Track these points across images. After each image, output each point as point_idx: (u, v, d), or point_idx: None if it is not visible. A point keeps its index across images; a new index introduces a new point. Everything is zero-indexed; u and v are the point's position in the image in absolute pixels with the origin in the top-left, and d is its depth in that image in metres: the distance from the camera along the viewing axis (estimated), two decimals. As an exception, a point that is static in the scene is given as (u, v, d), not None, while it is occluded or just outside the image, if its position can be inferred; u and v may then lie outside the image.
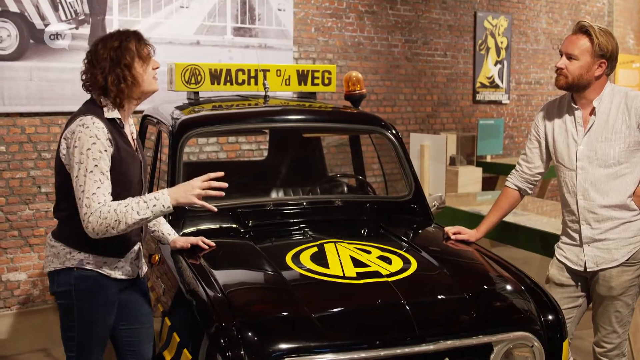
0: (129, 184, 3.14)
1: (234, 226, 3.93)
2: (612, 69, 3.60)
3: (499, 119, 10.12)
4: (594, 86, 3.58)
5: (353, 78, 5.10)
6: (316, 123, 4.73)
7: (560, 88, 3.65)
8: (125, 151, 3.10)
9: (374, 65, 8.84)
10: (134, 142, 3.25)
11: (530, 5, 10.79)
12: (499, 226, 5.38)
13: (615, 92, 3.60)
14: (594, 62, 3.52)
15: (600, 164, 3.58)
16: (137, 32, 3.19)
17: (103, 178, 2.95)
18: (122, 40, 3.09)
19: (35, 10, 6.35)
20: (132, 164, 3.16)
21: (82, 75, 3.12)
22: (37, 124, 6.45)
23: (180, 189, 3.05)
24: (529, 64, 10.93)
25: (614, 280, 3.63)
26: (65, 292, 3.12)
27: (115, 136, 3.06)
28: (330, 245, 3.62)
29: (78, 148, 2.94)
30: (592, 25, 3.53)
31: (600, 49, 3.50)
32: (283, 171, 5.72)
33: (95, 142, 2.94)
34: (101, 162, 2.95)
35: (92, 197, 2.92)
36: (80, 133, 2.95)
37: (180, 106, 4.64)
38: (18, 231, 6.44)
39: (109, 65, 3.04)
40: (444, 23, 9.63)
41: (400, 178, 4.59)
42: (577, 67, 3.54)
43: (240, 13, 7.59)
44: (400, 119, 9.18)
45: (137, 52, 3.10)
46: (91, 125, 2.96)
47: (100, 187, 2.94)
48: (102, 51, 3.07)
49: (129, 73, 3.05)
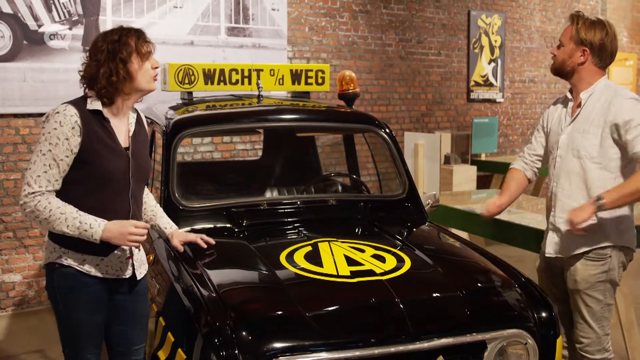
0: (106, 179, 3.08)
1: (228, 226, 3.93)
2: (602, 60, 3.67)
3: (493, 118, 10.13)
4: (581, 76, 3.69)
5: (346, 77, 5.11)
6: (310, 122, 4.74)
7: (552, 72, 3.85)
8: (103, 145, 3.06)
9: (368, 64, 8.85)
10: (128, 139, 3.23)
11: (523, 4, 10.81)
12: (494, 224, 5.42)
13: (608, 88, 3.65)
14: (575, 48, 3.65)
15: (574, 154, 3.66)
16: (140, 30, 3.18)
17: (53, 164, 2.96)
18: (122, 35, 3.10)
19: (29, 11, 6.34)
20: (113, 159, 3.09)
21: (81, 67, 3.14)
22: (31, 124, 6.44)
23: (115, 228, 3.02)
24: (523, 62, 10.95)
25: (578, 274, 3.67)
26: (50, 287, 3.15)
27: (93, 127, 3.04)
28: (324, 244, 3.63)
29: (43, 130, 2.99)
30: (581, 15, 3.68)
31: (579, 35, 3.62)
32: (277, 170, 5.73)
33: (57, 128, 2.95)
34: (57, 148, 2.95)
35: (35, 179, 2.95)
36: (49, 117, 3.00)
37: (174, 106, 4.64)
38: (13, 232, 6.44)
39: (104, 57, 3.05)
40: (438, 22, 9.64)
41: (394, 177, 4.60)
42: (561, 53, 3.73)
43: (234, 13, 7.59)
44: (395, 117, 9.19)
45: (135, 48, 3.10)
46: (61, 112, 2.99)
47: (48, 172, 2.96)
48: (100, 43, 3.08)
49: (122, 67, 3.05)
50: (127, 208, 3.18)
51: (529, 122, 11.06)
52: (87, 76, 3.09)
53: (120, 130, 3.19)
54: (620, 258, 3.68)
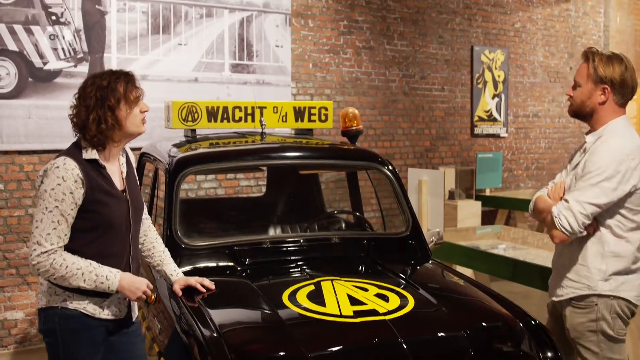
0: (109, 226, 3.10)
1: (231, 264, 3.92)
2: (623, 96, 3.49)
3: (498, 152, 10.12)
4: (600, 115, 3.51)
5: (349, 114, 5.12)
6: (313, 160, 4.73)
7: (570, 115, 3.66)
8: (104, 192, 3.08)
9: (371, 100, 8.88)
10: (122, 182, 3.23)
11: (526, 39, 10.86)
12: (498, 261, 5.40)
13: (611, 133, 3.47)
14: (594, 88, 3.47)
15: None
16: (129, 73, 3.18)
17: (62, 220, 2.96)
18: (111, 80, 3.10)
19: (34, 49, 6.39)
20: (114, 206, 3.12)
21: (71, 110, 3.13)
22: (35, 161, 6.45)
23: (130, 282, 3.11)
24: (526, 97, 10.97)
25: (568, 321, 3.57)
26: (50, 330, 3.12)
27: (94, 177, 3.05)
28: (327, 283, 3.60)
29: (43, 186, 2.98)
30: (596, 51, 3.49)
31: (597, 73, 3.44)
32: (281, 208, 5.72)
33: (61, 184, 2.95)
34: (63, 203, 2.95)
35: (45, 237, 2.94)
36: (49, 172, 2.99)
37: (177, 144, 4.65)
38: (16, 269, 6.42)
39: (93, 103, 3.05)
40: (441, 57, 9.68)
41: (398, 214, 4.58)
42: (579, 94, 3.52)
43: (238, 50, 7.63)
44: (399, 153, 9.19)
45: (124, 94, 3.10)
46: (61, 166, 2.98)
47: (57, 228, 2.95)
48: (90, 88, 3.09)
49: (111, 115, 3.05)
50: (128, 251, 3.19)
51: (533, 156, 11.06)
52: (78, 123, 3.09)
53: (115, 174, 3.20)
54: (612, 308, 3.45)
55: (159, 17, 7.10)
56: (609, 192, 3.33)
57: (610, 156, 3.35)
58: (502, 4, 10.45)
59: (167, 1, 7.15)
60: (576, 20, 11.55)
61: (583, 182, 3.37)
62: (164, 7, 7.13)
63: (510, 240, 6.56)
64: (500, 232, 7.14)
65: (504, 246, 6.16)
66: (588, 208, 3.33)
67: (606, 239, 3.44)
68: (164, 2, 7.13)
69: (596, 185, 3.33)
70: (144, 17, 7.02)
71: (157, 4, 7.09)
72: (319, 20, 8.32)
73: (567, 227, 3.35)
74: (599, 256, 3.45)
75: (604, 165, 3.34)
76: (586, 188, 3.35)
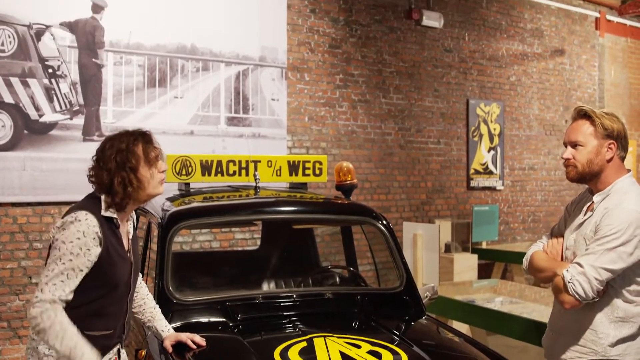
0: (114, 286, 3.07)
1: (223, 320, 3.87)
2: (625, 150, 3.38)
3: (494, 205, 10.12)
4: (606, 174, 3.37)
5: (344, 168, 5.12)
6: (307, 214, 4.71)
7: (572, 180, 3.44)
8: (116, 253, 3.05)
9: (367, 153, 8.90)
10: (128, 242, 3.21)
11: (521, 92, 10.94)
12: (493, 316, 5.35)
13: (624, 194, 3.34)
14: (601, 144, 3.33)
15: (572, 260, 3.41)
16: (147, 133, 3.15)
17: (72, 274, 2.90)
18: (129, 142, 3.05)
19: (30, 101, 6.42)
20: (121, 266, 3.09)
21: (89, 172, 3.10)
22: (29, 213, 6.43)
23: None
24: (522, 149, 11.01)
25: None
26: None
27: (109, 236, 3.01)
28: (319, 339, 3.55)
29: (62, 237, 2.91)
30: (592, 109, 3.36)
31: (605, 128, 3.31)
32: (275, 262, 5.68)
33: (80, 238, 2.90)
34: (78, 258, 2.90)
35: (50, 286, 2.87)
36: (70, 224, 2.92)
37: (171, 197, 4.63)
38: (7, 322, 6.35)
39: (114, 166, 3.01)
40: (437, 110, 9.74)
41: (392, 267, 4.55)
42: (586, 153, 3.34)
43: (234, 103, 7.67)
44: (395, 206, 9.19)
45: (143, 155, 3.07)
46: (83, 220, 2.93)
47: (65, 281, 2.89)
48: (109, 152, 3.04)
49: (134, 176, 3.02)
50: (125, 311, 3.16)
51: (530, 209, 11.06)
52: (100, 183, 3.04)
53: (124, 234, 3.18)
54: None
55: (155, 70, 7.15)
56: (626, 257, 3.19)
57: (627, 219, 3.21)
58: (497, 58, 10.55)
59: (163, 54, 7.20)
60: (571, 73, 11.66)
61: (598, 246, 3.21)
62: (160, 61, 7.19)
63: (507, 294, 6.52)
64: (497, 286, 7.09)
65: (501, 299, 6.12)
66: (604, 274, 3.19)
67: (616, 304, 3.31)
68: (161, 56, 7.19)
69: (613, 250, 3.18)
70: (141, 70, 7.07)
71: (153, 58, 7.14)
72: (314, 73, 8.39)
73: (582, 294, 3.20)
74: (607, 321, 3.31)
75: (621, 229, 3.19)
76: (602, 252, 3.20)
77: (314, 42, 8.42)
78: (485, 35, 10.40)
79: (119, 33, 6.95)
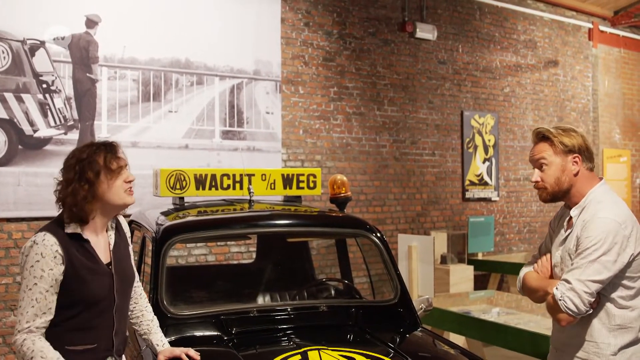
0: (92, 302, 3.04)
1: (217, 334, 3.87)
2: (591, 161, 3.42)
3: (489, 216, 10.14)
4: (577, 188, 3.40)
5: (338, 181, 5.12)
6: (301, 228, 4.71)
7: (545, 201, 3.49)
8: (85, 268, 3.01)
9: (362, 165, 8.91)
10: (109, 254, 3.19)
11: (516, 104, 10.97)
12: (489, 327, 5.34)
13: (597, 203, 3.37)
14: (565, 160, 3.38)
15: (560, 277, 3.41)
16: (112, 144, 3.15)
17: (40, 297, 2.90)
18: (91, 153, 3.06)
19: (25, 117, 6.43)
20: (96, 282, 3.05)
21: (56, 186, 3.10)
22: (24, 229, 6.43)
23: None
24: (517, 160, 11.04)
25: None
26: None
27: (75, 253, 2.99)
28: (313, 352, 3.55)
29: (25, 263, 2.94)
30: (548, 128, 3.41)
31: (564, 144, 3.36)
32: (270, 275, 5.68)
33: (39, 260, 2.91)
34: (42, 280, 2.91)
35: (25, 316, 2.90)
36: (29, 249, 2.94)
37: (165, 212, 4.63)
38: (2, 338, 6.34)
39: (72, 177, 3.01)
40: (432, 122, 9.76)
41: (387, 279, 4.55)
42: (552, 173, 3.40)
43: (229, 116, 7.69)
44: (390, 218, 9.19)
45: (104, 165, 3.05)
46: (40, 243, 2.94)
47: (35, 306, 2.90)
48: (72, 161, 3.06)
49: (89, 188, 3.01)
50: (111, 325, 3.13)
51: (525, 220, 11.07)
52: (61, 197, 3.05)
53: (100, 247, 3.14)
54: None
55: (149, 84, 7.17)
56: (610, 265, 3.21)
57: (604, 229, 3.24)
58: (491, 69, 10.59)
59: (157, 69, 7.22)
60: (565, 84, 11.70)
61: (581, 260, 3.23)
62: (154, 75, 7.21)
63: (503, 305, 6.52)
64: (493, 297, 7.09)
65: (497, 310, 6.11)
66: (592, 286, 3.20)
67: (612, 312, 3.31)
68: (155, 70, 7.20)
69: (596, 261, 3.20)
70: (135, 84, 7.08)
71: (147, 72, 7.16)
72: (309, 86, 8.41)
73: (574, 309, 3.20)
74: (606, 330, 3.31)
75: (600, 239, 3.22)
76: (586, 265, 3.22)
77: (308, 55, 8.45)
78: (479, 47, 10.44)
79: (113, 48, 6.96)
